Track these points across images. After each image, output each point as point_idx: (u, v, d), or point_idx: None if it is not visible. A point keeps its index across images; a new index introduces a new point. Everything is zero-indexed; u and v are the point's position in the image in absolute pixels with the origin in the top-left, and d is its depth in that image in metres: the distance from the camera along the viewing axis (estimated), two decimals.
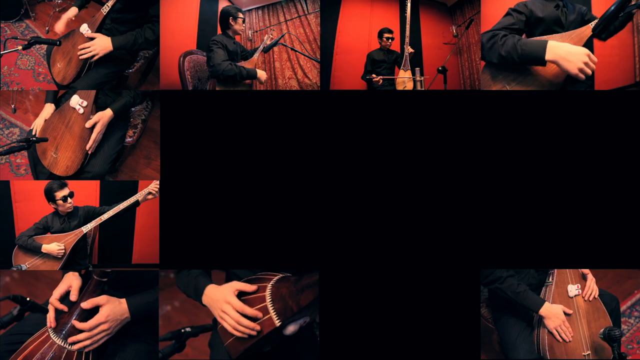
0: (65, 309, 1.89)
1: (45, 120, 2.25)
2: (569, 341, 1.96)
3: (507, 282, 2.02)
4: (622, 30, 2.12)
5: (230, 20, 2.43)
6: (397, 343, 2.08)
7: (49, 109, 2.26)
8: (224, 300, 1.81)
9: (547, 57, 2.02)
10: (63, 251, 2.16)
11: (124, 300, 1.92)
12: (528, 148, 2.09)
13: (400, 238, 2.09)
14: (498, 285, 2.03)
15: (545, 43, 2.02)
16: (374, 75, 2.44)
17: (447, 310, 2.08)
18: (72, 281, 1.95)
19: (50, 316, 1.89)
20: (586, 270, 2.06)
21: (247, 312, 1.78)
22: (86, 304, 1.86)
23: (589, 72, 1.95)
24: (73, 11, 2.27)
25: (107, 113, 2.24)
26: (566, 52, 2.01)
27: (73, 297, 1.92)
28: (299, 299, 1.75)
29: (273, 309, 1.75)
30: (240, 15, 2.44)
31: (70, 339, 1.84)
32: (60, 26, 2.27)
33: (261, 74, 2.44)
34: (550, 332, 1.97)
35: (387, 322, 2.08)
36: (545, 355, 1.97)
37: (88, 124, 2.21)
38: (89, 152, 2.24)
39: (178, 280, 1.96)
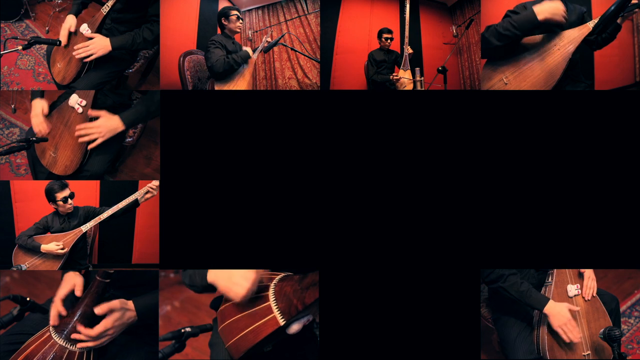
0: (64, 312, 1.88)
1: (45, 116, 2.18)
2: (577, 342, 1.95)
3: (510, 281, 2.02)
4: (621, 31, 2.12)
5: (223, 20, 2.42)
6: (397, 343, 2.08)
7: (38, 104, 2.19)
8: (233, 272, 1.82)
9: (540, 18, 2.10)
10: (62, 249, 2.16)
11: (130, 302, 1.91)
12: (528, 148, 2.09)
13: (400, 238, 2.09)
14: (501, 284, 2.02)
15: (531, 8, 2.13)
16: (394, 75, 2.44)
17: (447, 310, 2.08)
18: (74, 280, 1.95)
19: (53, 314, 1.88)
20: (584, 269, 2.06)
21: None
22: (99, 310, 1.85)
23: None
24: (71, 20, 2.26)
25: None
26: (550, 7, 2.11)
27: (78, 292, 1.92)
28: (303, 297, 1.75)
29: (277, 307, 1.75)
30: (233, 12, 2.42)
31: (74, 336, 1.83)
32: (62, 39, 2.25)
33: (249, 50, 2.44)
34: (552, 332, 1.97)
35: (387, 321, 2.08)
36: (545, 355, 1.97)
37: (92, 113, 2.18)
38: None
39: (183, 277, 1.96)
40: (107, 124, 2.17)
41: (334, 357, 2.07)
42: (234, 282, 1.79)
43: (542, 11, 2.10)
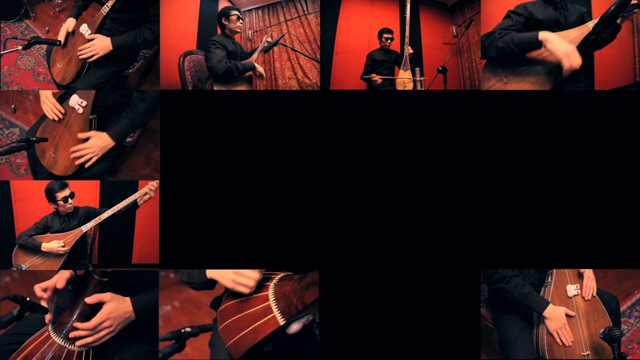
0: (45, 295, 1.90)
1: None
2: (569, 345, 1.96)
3: (513, 282, 2.01)
4: (621, 31, 2.12)
5: (224, 20, 2.42)
6: (397, 343, 2.08)
7: (44, 92, 2.22)
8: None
9: (540, 37, 2.06)
10: (64, 247, 2.16)
11: (127, 299, 1.92)
12: (528, 148, 2.09)
13: (400, 238, 2.09)
14: (504, 286, 2.02)
15: (537, 31, 2.10)
16: (373, 75, 2.45)
17: (447, 310, 2.08)
18: (62, 274, 1.96)
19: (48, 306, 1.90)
20: (583, 269, 2.05)
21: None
22: (90, 299, 1.86)
23: (574, 65, 1.99)
24: (71, 22, 2.26)
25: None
26: (557, 37, 2.06)
27: (59, 285, 1.94)
28: (303, 296, 1.75)
29: (277, 307, 1.75)
30: (234, 12, 2.42)
31: (72, 334, 1.84)
32: (61, 39, 2.26)
33: (259, 68, 2.44)
34: (549, 333, 1.97)
35: (387, 321, 2.08)
36: (545, 355, 1.97)
37: (81, 135, 2.20)
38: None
39: (181, 274, 1.96)
40: (98, 143, 2.19)
41: (334, 357, 2.07)
42: (241, 274, 1.79)
43: (545, 34, 2.06)
